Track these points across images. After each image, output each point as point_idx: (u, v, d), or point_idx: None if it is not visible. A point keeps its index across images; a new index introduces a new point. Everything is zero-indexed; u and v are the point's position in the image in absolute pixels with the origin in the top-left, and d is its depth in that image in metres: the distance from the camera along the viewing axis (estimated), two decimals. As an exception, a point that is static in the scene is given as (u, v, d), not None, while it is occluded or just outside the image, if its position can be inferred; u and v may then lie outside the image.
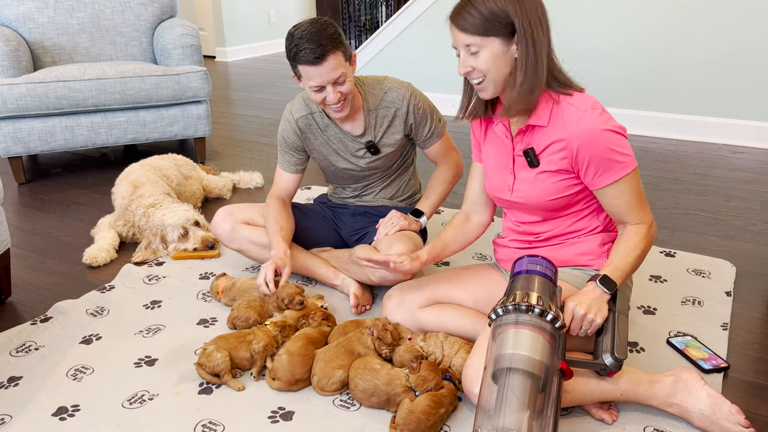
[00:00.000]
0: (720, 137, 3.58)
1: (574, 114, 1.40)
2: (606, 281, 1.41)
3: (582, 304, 1.38)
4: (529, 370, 1.21)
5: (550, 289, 1.35)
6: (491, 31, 1.36)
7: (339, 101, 1.79)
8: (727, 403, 1.36)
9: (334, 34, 1.72)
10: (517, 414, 1.17)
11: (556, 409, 1.22)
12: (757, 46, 3.36)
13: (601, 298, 1.40)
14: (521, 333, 1.26)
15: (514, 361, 1.22)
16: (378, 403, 1.49)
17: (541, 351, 1.23)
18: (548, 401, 1.21)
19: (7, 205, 2.84)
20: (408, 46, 4.35)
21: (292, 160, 2.02)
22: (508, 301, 1.31)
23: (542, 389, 1.21)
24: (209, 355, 1.60)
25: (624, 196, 1.44)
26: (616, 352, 1.32)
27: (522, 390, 1.19)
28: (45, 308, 1.99)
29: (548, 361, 1.23)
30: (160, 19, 3.58)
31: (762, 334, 1.80)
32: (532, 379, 1.21)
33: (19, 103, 2.94)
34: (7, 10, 3.27)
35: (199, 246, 2.31)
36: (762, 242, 2.36)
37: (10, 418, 1.50)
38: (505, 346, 1.25)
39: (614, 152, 1.40)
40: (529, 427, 1.15)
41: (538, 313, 1.28)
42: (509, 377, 1.21)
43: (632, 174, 1.43)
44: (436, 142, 2.00)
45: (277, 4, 7.12)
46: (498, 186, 1.59)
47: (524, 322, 1.27)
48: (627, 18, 3.64)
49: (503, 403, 1.19)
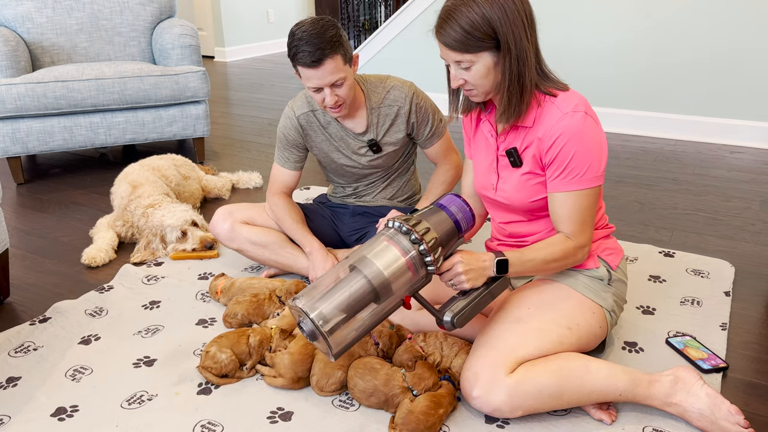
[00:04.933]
0: (719, 137, 3.58)
1: (555, 115, 1.40)
2: (501, 264, 1.41)
3: (465, 264, 1.38)
4: (372, 281, 1.30)
5: (448, 231, 1.38)
6: (478, 47, 1.35)
7: (335, 104, 1.79)
8: (726, 403, 1.36)
9: (335, 37, 1.71)
10: (336, 310, 1.28)
11: (370, 325, 1.34)
12: (756, 46, 3.36)
13: (486, 271, 1.40)
14: (389, 249, 1.34)
15: (366, 267, 1.32)
16: (377, 403, 1.49)
17: (394, 272, 1.31)
18: (369, 315, 1.32)
19: (5, 206, 2.84)
20: (407, 46, 4.35)
21: (292, 158, 2.02)
22: (404, 219, 1.37)
23: (373, 301, 1.31)
24: (213, 356, 1.59)
25: (568, 208, 1.43)
26: (457, 317, 1.36)
27: (356, 294, 1.30)
28: (44, 308, 1.99)
29: (395, 284, 1.31)
30: (158, 19, 3.58)
31: (761, 334, 1.81)
32: (371, 291, 1.30)
33: (18, 103, 2.93)
34: (6, 10, 3.27)
35: (197, 246, 2.31)
36: (761, 242, 2.36)
37: (9, 418, 1.49)
38: (371, 250, 1.34)
39: (578, 163, 1.39)
40: (336, 325, 1.28)
41: (413, 240, 1.33)
42: (355, 278, 1.31)
43: (587, 192, 1.42)
44: (436, 142, 2.00)
45: (276, 4, 7.11)
46: (484, 184, 1.60)
47: (398, 242, 1.34)
48: (626, 18, 3.64)
49: (333, 293, 1.30)
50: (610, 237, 1.62)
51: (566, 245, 1.45)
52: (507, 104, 1.41)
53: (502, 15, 1.33)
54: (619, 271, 1.57)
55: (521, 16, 1.35)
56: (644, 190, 2.91)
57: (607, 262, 1.55)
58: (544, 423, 1.44)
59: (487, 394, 1.36)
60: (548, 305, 1.48)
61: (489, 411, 1.38)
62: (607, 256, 1.56)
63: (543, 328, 1.44)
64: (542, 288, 1.53)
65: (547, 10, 3.82)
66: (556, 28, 3.83)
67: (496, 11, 1.33)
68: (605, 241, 1.58)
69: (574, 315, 1.48)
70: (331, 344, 1.29)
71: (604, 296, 1.53)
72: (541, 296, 1.51)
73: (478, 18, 1.33)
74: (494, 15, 1.33)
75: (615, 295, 1.55)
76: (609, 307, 1.53)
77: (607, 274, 1.53)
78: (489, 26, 1.33)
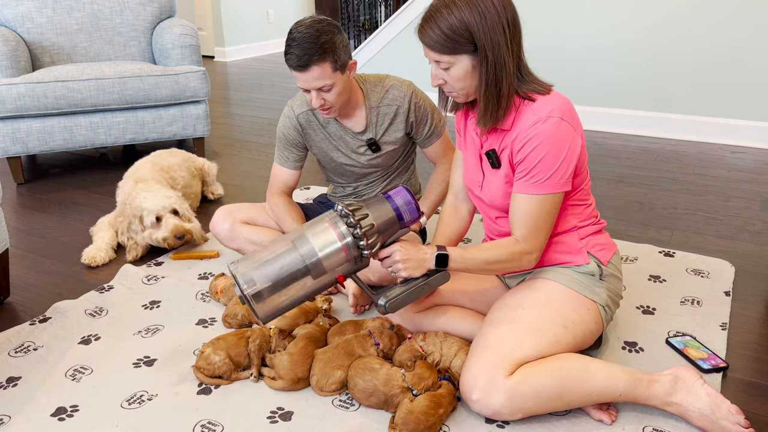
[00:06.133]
0: (719, 137, 3.58)
1: (530, 119, 1.41)
2: (441, 259, 1.46)
3: (404, 254, 1.46)
4: (306, 259, 1.43)
5: (389, 221, 1.47)
6: (457, 49, 1.36)
7: (321, 107, 1.80)
8: (726, 403, 1.36)
9: (327, 43, 1.70)
10: (265, 279, 1.41)
11: (301, 297, 1.46)
12: (756, 46, 3.36)
13: (425, 263, 1.47)
14: (327, 231, 1.45)
15: (303, 245, 1.44)
16: (377, 403, 1.49)
17: (327, 253, 1.44)
18: (301, 288, 1.44)
19: (5, 206, 2.84)
20: (407, 46, 4.35)
21: (291, 157, 2.02)
22: (347, 204, 1.47)
23: (305, 276, 1.43)
24: (207, 357, 1.60)
25: (524, 211, 1.44)
26: (389, 302, 1.46)
27: (287, 268, 1.42)
28: (44, 308, 1.99)
29: (327, 264, 1.44)
30: (158, 19, 3.58)
31: (761, 333, 1.80)
32: (303, 267, 1.43)
33: (18, 103, 2.93)
34: (6, 9, 3.27)
35: (168, 235, 2.26)
36: (761, 242, 2.36)
37: (9, 418, 1.49)
38: (311, 230, 1.46)
39: (543, 167, 1.40)
40: (263, 292, 1.41)
41: (349, 224, 1.44)
42: (291, 253, 1.43)
43: (547, 198, 1.43)
44: (435, 142, 2.01)
45: (276, 4, 7.11)
46: (471, 180, 1.61)
47: (336, 225, 1.45)
48: (626, 18, 3.64)
49: (268, 264, 1.42)
50: (602, 233, 1.62)
51: (512, 249, 1.47)
52: (484, 109, 1.43)
53: (480, 21, 1.34)
54: (611, 267, 1.58)
55: (501, 23, 1.35)
56: (644, 190, 2.91)
57: (598, 258, 1.55)
58: (544, 423, 1.44)
59: (487, 397, 1.36)
60: (542, 304, 1.49)
61: (489, 414, 1.38)
62: (597, 252, 1.56)
63: (539, 328, 1.44)
64: (535, 287, 1.54)
65: (547, 10, 3.82)
66: (556, 28, 3.83)
67: (475, 17, 1.34)
68: (595, 237, 1.58)
69: (569, 313, 1.48)
70: (255, 308, 1.42)
71: (597, 291, 1.53)
72: (534, 295, 1.51)
73: (457, 22, 1.34)
74: (473, 20, 1.34)
75: (608, 290, 1.56)
76: (603, 302, 1.54)
77: (598, 270, 1.54)
78: (467, 31, 1.35)
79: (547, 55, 3.90)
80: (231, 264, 1.46)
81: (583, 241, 1.55)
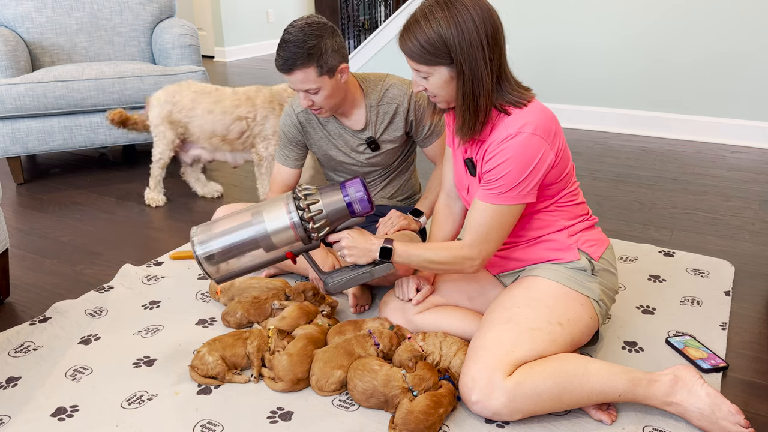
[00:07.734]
0: (719, 137, 3.58)
1: (501, 134, 1.42)
2: (385, 251, 1.54)
3: (351, 241, 1.56)
4: (257, 233, 1.55)
5: (339, 209, 1.56)
6: (434, 61, 1.38)
7: (311, 108, 1.83)
8: (726, 403, 1.36)
9: (313, 48, 1.71)
10: (218, 245, 1.55)
11: (253, 267, 1.60)
12: (756, 46, 3.36)
13: (371, 253, 1.56)
14: (281, 211, 1.56)
15: (257, 220, 1.56)
16: (377, 404, 1.49)
17: (277, 230, 1.55)
18: (253, 258, 1.58)
19: (5, 206, 2.84)
20: (407, 45, 4.34)
21: (291, 155, 2.03)
22: (302, 189, 1.58)
23: (254, 248, 1.56)
24: (202, 357, 1.60)
25: (478, 218, 1.47)
26: (332, 283, 1.60)
27: (240, 238, 1.56)
28: (43, 308, 1.99)
29: (276, 239, 1.56)
30: (158, 19, 3.58)
31: (761, 333, 1.81)
32: (254, 240, 1.56)
33: (18, 103, 2.93)
34: (6, 9, 3.27)
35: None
36: (760, 242, 2.36)
37: (9, 418, 1.49)
38: (268, 210, 1.57)
39: (506, 181, 1.41)
40: (215, 256, 1.56)
41: (298, 207, 1.54)
42: (246, 225, 1.56)
43: (503, 209, 1.44)
44: (435, 141, 2.01)
45: (276, 4, 7.12)
46: (459, 182, 1.63)
47: (289, 207, 1.56)
48: (625, 17, 3.64)
49: (225, 232, 1.56)
50: (594, 228, 1.62)
51: (456, 253, 1.50)
52: (462, 121, 1.44)
53: (458, 36, 1.34)
54: (604, 262, 1.58)
55: (480, 37, 1.35)
56: (644, 190, 2.91)
57: (588, 254, 1.55)
58: (543, 423, 1.44)
59: (486, 398, 1.36)
60: (537, 303, 1.49)
61: (489, 415, 1.38)
62: (588, 248, 1.56)
63: (534, 327, 1.44)
64: (529, 285, 1.54)
65: (547, 10, 3.82)
66: (556, 28, 3.83)
67: (452, 30, 1.34)
68: (586, 233, 1.59)
69: (564, 310, 1.49)
70: (206, 269, 1.58)
71: (590, 287, 1.54)
72: (528, 294, 1.52)
73: (434, 35, 1.35)
74: (450, 35, 1.34)
75: (601, 285, 1.56)
76: (596, 296, 1.54)
77: (589, 265, 1.54)
78: (444, 45, 1.36)
79: (546, 54, 3.90)
80: (193, 227, 1.61)
81: (573, 238, 1.56)
